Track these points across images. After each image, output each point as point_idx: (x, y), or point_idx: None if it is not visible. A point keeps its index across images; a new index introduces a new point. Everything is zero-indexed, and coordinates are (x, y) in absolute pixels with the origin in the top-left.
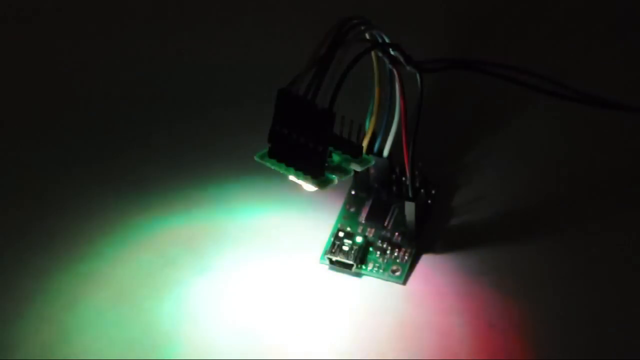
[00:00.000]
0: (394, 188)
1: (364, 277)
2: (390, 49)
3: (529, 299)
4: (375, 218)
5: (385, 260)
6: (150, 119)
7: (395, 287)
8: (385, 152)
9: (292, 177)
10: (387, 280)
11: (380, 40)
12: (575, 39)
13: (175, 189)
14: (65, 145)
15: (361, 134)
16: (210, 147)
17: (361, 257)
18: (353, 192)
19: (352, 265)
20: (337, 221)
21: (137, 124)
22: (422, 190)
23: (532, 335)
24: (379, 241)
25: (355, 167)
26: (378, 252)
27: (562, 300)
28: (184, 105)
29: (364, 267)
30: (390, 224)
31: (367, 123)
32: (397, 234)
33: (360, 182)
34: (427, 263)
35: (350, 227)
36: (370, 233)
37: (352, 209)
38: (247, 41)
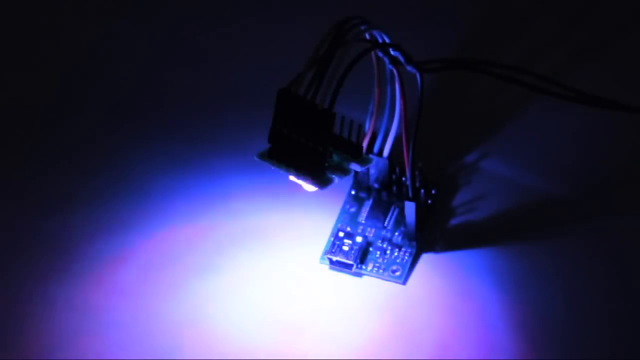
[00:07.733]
0: (394, 188)
1: (364, 277)
2: (391, 49)
3: (529, 299)
4: (375, 218)
5: (385, 260)
6: (150, 118)
7: (395, 287)
8: (385, 152)
9: (292, 177)
10: (387, 280)
11: (380, 40)
12: (575, 39)
13: (176, 188)
14: (65, 145)
15: (361, 134)
16: (210, 146)
17: (361, 257)
18: (353, 192)
19: (352, 265)
20: (337, 221)
21: (136, 123)
22: (422, 190)
23: (532, 335)
24: (379, 241)
25: (355, 167)
26: (378, 252)
27: (562, 300)
28: (184, 105)
29: (364, 267)
30: (390, 224)
31: (367, 123)
32: (397, 234)
33: (360, 182)
34: (427, 263)
35: (350, 227)
36: (370, 233)
37: (352, 209)
38: (247, 40)
